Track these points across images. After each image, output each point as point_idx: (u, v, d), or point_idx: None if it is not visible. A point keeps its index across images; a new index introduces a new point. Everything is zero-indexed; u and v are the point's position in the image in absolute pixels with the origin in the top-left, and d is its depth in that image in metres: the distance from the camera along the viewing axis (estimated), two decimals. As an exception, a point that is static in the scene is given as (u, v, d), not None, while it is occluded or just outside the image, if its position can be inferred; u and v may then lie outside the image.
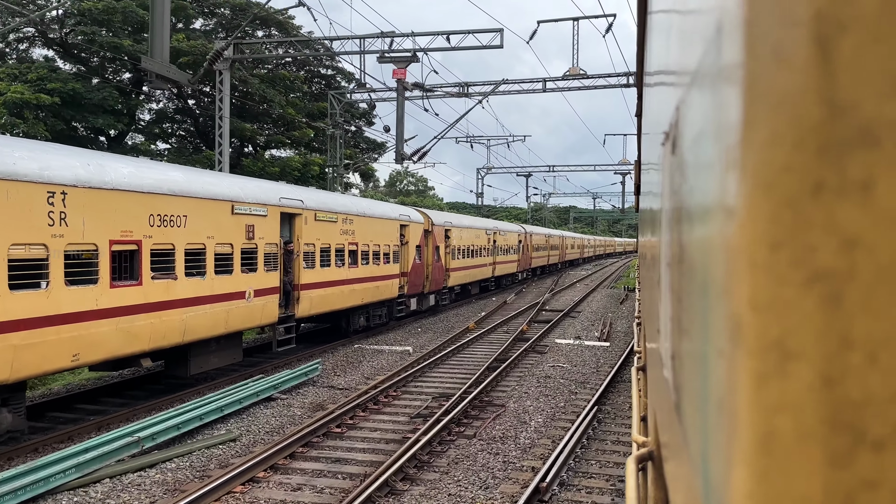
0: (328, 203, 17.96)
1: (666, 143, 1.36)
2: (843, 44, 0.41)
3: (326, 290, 17.59)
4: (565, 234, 67.04)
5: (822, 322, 0.43)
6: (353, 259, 19.42)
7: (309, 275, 16.72)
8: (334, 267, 18.05)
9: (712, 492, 0.60)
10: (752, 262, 0.46)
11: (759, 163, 0.45)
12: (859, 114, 0.42)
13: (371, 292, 20.56)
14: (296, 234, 16.34)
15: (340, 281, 18.38)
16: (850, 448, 0.43)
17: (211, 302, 12.95)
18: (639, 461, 2.22)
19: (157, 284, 11.49)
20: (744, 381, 0.47)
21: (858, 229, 0.42)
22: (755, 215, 0.45)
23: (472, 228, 32.63)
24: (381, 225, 21.31)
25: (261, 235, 14.54)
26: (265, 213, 14.69)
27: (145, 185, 11.22)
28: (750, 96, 0.46)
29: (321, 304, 17.46)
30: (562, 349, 18.85)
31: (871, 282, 0.42)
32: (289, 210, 15.79)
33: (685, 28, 0.92)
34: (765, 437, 0.45)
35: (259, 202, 14.54)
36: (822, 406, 0.43)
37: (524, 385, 14.46)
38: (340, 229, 18.43)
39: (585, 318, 26.27)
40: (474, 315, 26.75)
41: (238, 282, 13.80)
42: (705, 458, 0.67)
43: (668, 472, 1.57)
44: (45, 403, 12.17)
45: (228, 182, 14.03)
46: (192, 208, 12.31)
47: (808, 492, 0.43)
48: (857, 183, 0.42)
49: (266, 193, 14.98)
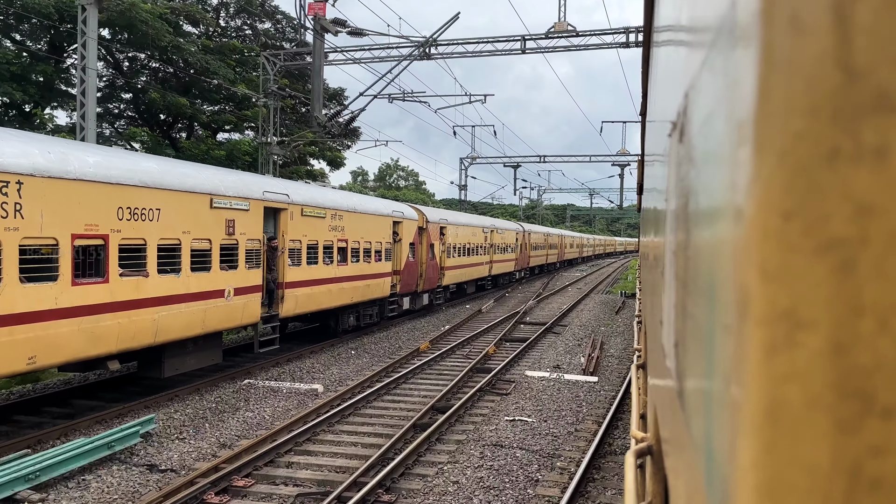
0: (316, 198, 17.23)
1: (673, 132, 1.34)
2: (859, 8, 0.42)
3: (313, 288, 16.87)
4: (564, 233, 66.32)
5: (833, 290, 0.44)
6: (343, 256, 18.70)
7: (294, 272, 16.00)
8: (322, 265, 17.33)
9: (715, 470, 0.59)
10: (763, 232, 0.46)
11: (773, 131, 0.45)
12: (875, 79, 0.42)
13: (361, 291, 19.85)
14: (280, 229, 15.62)
15: (328, 279, 17.66)
16: (859, 415, 0.43)
17: (187, 301, 12.23)
18: (637, 455, 2.21)
19: (126, 282, 10.77)
20: (752, 352, 0.47)
21: (873, 196, 0.42)
22: (769, 185, 0.45)
23: (468, 226, 31.91)
24: (372, 221, 20.58)
25: (242, 231, 13.82)
26: (247, 207, 13.97)
27: (113, 175, 10.49)
28: (765, 65, 0.45)
29: (307, 304, 16.75)
30: (532, 387, 14.11)
31: (884, 248, 0.42)
32: (273, 204, 15.06)
33: (695, 13, 0.91)
34: (772, 406, 0.45)
35: (240, 196, 13.81)
36: (831, 374, 0.44)
37: (459, 464, 9.41)
38: (329, 225, 17.71)
39: (571, 334, 21.47)
40: (436, 328, 22.53)
41: (217, 280, 13.08)
42: (709, 438, 0.66)
43: (668, 465, 1.53)
44: (9, 406, 11.46)
45: (208, 174, 13.30)
46: (166, 201, 11.58)
47: (814, 459, 0.44)
48: (873, 149, 0.42)
49: (248, 187, 14.24)
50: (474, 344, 19.52)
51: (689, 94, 0.98)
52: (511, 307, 29.16)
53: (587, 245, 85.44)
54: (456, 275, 30.25)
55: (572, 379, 15.02)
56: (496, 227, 37.66)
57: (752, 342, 0.46)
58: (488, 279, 37.16)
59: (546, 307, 29.44)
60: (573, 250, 71.67)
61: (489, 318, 25.24)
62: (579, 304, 31.18)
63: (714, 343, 0.64)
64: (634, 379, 4.51)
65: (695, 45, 0.92)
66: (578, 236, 78.53)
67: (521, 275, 45.92)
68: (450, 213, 31.51)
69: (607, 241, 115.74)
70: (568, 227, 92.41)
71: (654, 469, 2.23)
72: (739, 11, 0.53)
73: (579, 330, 22.83)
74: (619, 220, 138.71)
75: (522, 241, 44.86)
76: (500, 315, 25.95)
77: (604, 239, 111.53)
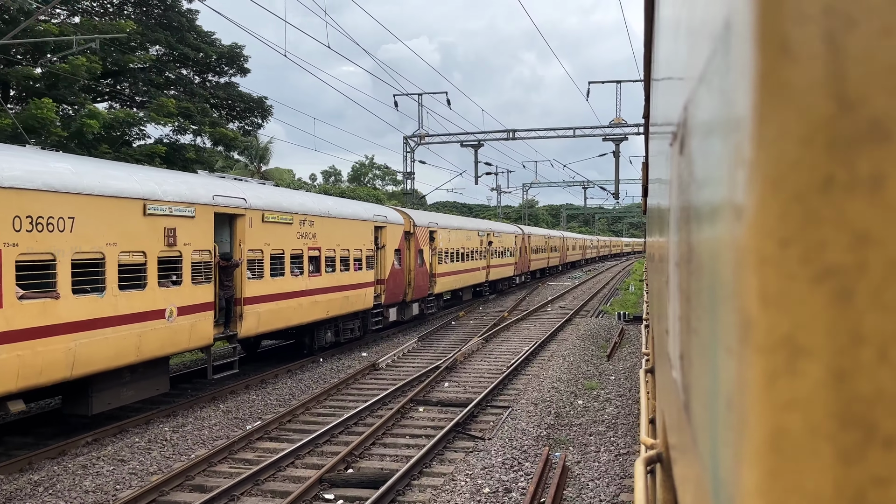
0: (280, 202, 15.37)
1: (674, 142, 1.33)
2: (852, 39, 0.42)
3: (279, 303, 15.02)
4: (566, 235, 64.34)
5: (832, 318, 0.43)
6: (315, 266, 16.85)
7: (256, 286, 14.15)
8: (289, 276, 15.47)
9: (722, 491, 0.59)
10: (761, 259, 0.46)
11: (769, 159, 0.45)
12: (868, 109, 0.42)
13: (339, 303, 17.99)
14: (237, 238, 13.78)
15: (298, 292, 15.81)
16: (861, 444, 0.43)
17: (114, 324, 10.39)
18: (647, 463, 2.14)
19: (28, 307, 8.94)
20: (753, 378, 0.46)
21: (868, 224, 0.42)
22: (764, 211, 0.45)
23: (461, 230, 30.06)
24: (350, 227, 18.74)
25: (186, 241, 11.98)
26: (192, 213, 12.13)
27: (6, 178, 8.67)
28: (759, 92, 0.46)
29: (272, 321, 14.89)
30: None
31: (881, 277, 0.42)
32: (226, 210, 13.22)
33: (693, 26, 0.93)
34: (775, 434, 0.45)
35: (183, 200, 11.98)
36: (832, 402, 0.43)
37: None
38: (298, 232, 15.86)
39: (506, 439, 10.52)
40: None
41: (154, 298, 11.23)
42: (714, 457, 0.66)
43: (676, 474, 1.52)
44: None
45: (141, 176, 11.46)
46: (82, 208, 9.75)
47: (818, 488, 0.43)
48: (867, 178, 0.42)
49: (193, 190, 12.39)
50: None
51: (689, 108, 0.98)
52: (441, 350, 18.87)
53: (591, 247, 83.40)
54: (449, 282, 28.38)
55: None
56: (493, 230, 35.79)
57: (754, 368, 0.46)
58: (486, 285, 35.29)
59: (495, 351, 18.67)
60: (576, 252, 69.68)
61: (365, 390, 14.02)
62: (552, 340, 20.58)
63: (717, 363, 0.63)
64: (643, 383, 4.36)
65: (692, 58, 0.91)
66: (581, 238, 76.54)
67: (521, 279, 44.02)
68: (440, 216, 29.66)
69: (613, 243, 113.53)
70: (565, 228, 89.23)
71: (663, 476, 2.06)
72: (734, 36, 0.52)
73: (527, 421, 11.47)
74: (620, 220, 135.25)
75: (522, 245, 42.97)
76: (400, 376, 15.33)
77: (609, 240, 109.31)
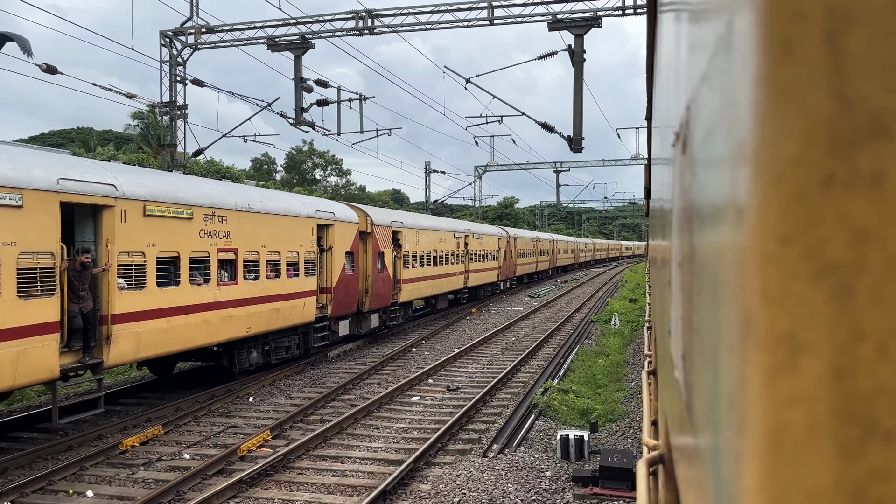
0: (173, 191, 12.09)
1: (676, 143, 1.33)
2: (852, 37, 0.42)
3: (172, 320, 11.76)
4: (556, 238, 61.14)
5: (832, 315, 0.44)
6: (231, 273, 13.61)
7: (133, 299, 10.90)
8: (188, 285, 12.22)
9: (724, 489, 0.60)
10: (762, 257, 0.46)
11: (770, 157, 0.45)
12: (869, 107, 0.42)
13: (266, 318, 14.76)
14: (103, 236, 10.54)
15: (202, 305, 12.56)
16: (861, 440, 0.43)
17: None
18: (650, 464, 2.17)
19: None
20: (754, 375, 0.47)
21: (869, 222, 0.43)
22: (766, 210, 0.46)
23: (433, 230, 26.84)
24: (282, 224, 15.50)
25: (7, 239, 8.74)
26: (18, 202, 8.88)
27: None
28: (760, 91, 0.46)
29: (161, 343, 11.61)
30: None
31: (881, 274, 0.43)
32: (81, 199, 9.98)
33: (695, 26, 0.92)
34: (775, 431, 0.45)
35: (6, 184, 8.74)
36: (832, 399, 0.44)
37: None
38: (201, 230, 12.62)
39: None
40: None
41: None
42: (716, 455, 0.66)
43: (679, 474, 1.53)
44: None
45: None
46: None
47: (818, 484, 0.44)
48: (868, 176, 0.43)
49: (24, 170, 9.15)
50: None
51: (691, 108, 0.98)
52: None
53: (584, 250, 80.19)
54: (418, 288, 25.17)
55: None
56: (471, 231, 32.59)
57: (755, 365, 0.46)
58: (464, 291, 32.08)
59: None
60: (567, 256, 66.48)
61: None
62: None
63: (719, 361, 0.64)
64: (645, 385, 4.33)
65: (695, 58, 0.91)
66: (573, 241, 73.34)
67: (506, 285, 40.81)
68: (407, 214, 26.44)
69: (611, 246, 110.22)
70: (547, 228, 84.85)
71: (666, 478, 2.13)
72: (735, 34, 0.52)
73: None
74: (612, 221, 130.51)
75: (507, 248, 39.77)
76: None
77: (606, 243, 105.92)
